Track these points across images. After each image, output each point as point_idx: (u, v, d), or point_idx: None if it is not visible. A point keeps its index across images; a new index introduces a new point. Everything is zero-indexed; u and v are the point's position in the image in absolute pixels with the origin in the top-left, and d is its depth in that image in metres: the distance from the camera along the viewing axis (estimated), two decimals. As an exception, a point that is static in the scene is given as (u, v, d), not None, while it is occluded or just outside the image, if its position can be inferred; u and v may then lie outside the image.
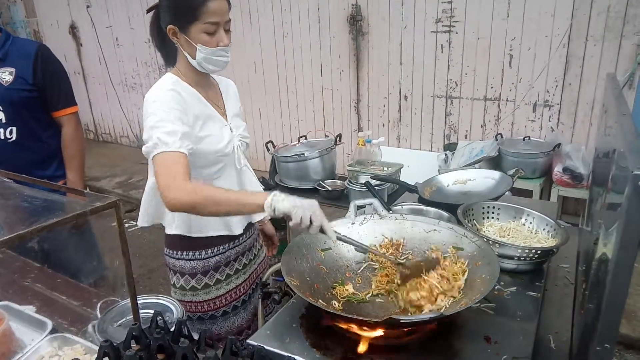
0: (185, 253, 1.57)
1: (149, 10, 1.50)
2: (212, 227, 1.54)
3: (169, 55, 1.51)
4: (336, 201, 2.65)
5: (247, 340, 1.09)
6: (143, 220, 1.57)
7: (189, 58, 1.43)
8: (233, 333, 1.69)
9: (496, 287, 1.29)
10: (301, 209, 1.20)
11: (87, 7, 6.07)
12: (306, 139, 2.96)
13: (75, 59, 6.63)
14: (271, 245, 1.94)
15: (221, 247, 1.59)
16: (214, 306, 1.62)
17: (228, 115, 1.58)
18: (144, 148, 1.35)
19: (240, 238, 1.64)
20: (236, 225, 1.59)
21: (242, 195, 1.38)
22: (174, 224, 1.53)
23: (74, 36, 6.50)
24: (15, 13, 7.09)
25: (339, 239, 1.25)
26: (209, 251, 1.57)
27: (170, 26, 1.40)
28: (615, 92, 1.29)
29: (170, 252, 1.60)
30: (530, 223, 1.52)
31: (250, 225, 1.68)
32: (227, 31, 1.43)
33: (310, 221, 1.19)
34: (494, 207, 1.59)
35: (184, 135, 1.34)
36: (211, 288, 1.60)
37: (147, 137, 1.34)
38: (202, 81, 1.53)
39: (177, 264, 1.59)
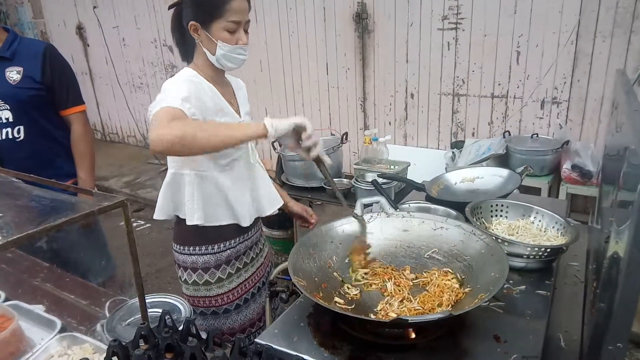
0: (197, 248, 1.60)
1: (171, 7, 1.53)
2: (222, 215, 1.56)
3: (187, 52, 1.55)
4: (343, 200, 2.64)
5: (256, 339, 1.09)
6: (160, 213, 1.58)
7: (208, 54, 1.47)
8: (245, 326, 1.73)
9: (505, 286, 1.28)
10: (304, 121, 1.29)
11: (94, 7, 6.10)
12: (312, 137, 2.95)
13: (82, 59, 6.67)
14: (307, 222, 1.94)
15: (232, 241, 1.62)
16: (227, 300, 1.65)
17: (241, 113, 1.62)
18: (149, 108, 1.36)
19: (249, 232, 1.67)
20: (244, 216, 1.59)
21: (233, 125, 1.41)
22: (196, 215, 1.52)
23: (80, 37, 6.53)
24: (23, 14, 7.14)
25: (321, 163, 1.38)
26: (221, 245, 1.61)
27: (192, 22, 1.43)
28: (625, 88, 1.27)
29: (181, 248, 1.62)
30: (540, 221, 1.51)
31: (256, 220, 1.70)
32: (246, 32, 1.48)
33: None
34: (502, 205, 1.58)
35: (187, 99, 1.34)
36: (224, 281, 1.64)
37: (153, 105, 1.35)
38: (218, 79, 1.57)
39: (188, 259, 1.61)
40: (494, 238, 1.29)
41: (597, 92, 3.42)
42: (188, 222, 1.55)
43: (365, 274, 1.30)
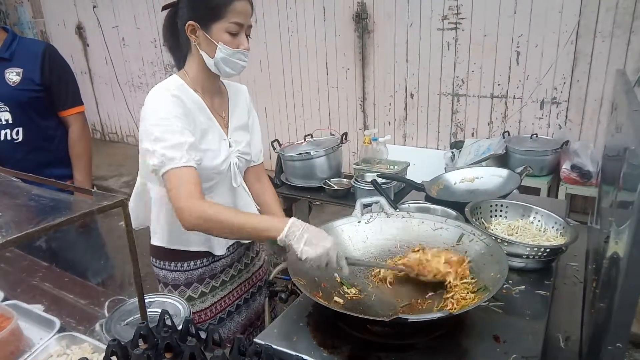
0: (167, 263, 1.53)
1: (165, 7, 1.42)
2: (194, 242, 1.49)
3: (180, 57, 1.45)
4: (342, 200, 2.64)
5: (255, 339, 1.09)
6: (133, 222, 1.53)
7: (206, 57, 1.36)
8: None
9: (505, 286, 1.28)
10: (317, 260, 1.15)
11: (94, 7, 6.10)
12: (312, 137, 2.95)
13: (81, 59, 6.67)
14: None
15: (205, 260, 1.53)
16: (199, 319, 1.56)
17: (230, 128, 1.50)
18: (150, 164, 1.31)
19: (226, 250, 1.58)
20: (218, 246, 1.52)
21: (258, 222, 1.28)
22: (157, 235, 1.50)
23: (80, 36, 6.53)
24: (23, 14, 7.14)
25: (351, 264, 1.23)
26: (192, 263, 1.52)
27: (190, 22, 1.33)
28: (625, 88, 1.27)
29: (155, 261, 1.56)
30: (539, 221, 1.51)
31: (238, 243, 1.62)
32: (248, 37, 1.39)
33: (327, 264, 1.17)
34: (501, 205, 1.57)
35: (191, 147, 1.30)
36: (195, 301, 1.54)
37: (152, 151, 1.29)
38: (210, 88, 1.46)
39: (160, 273, 1.56)
40: (493, 238, 1.29)
41: (597, 92, 3.43)
42: (151, 242, 1.52)
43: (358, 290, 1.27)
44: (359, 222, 1.41)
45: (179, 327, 1.07)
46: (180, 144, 1.28)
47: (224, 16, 1.31)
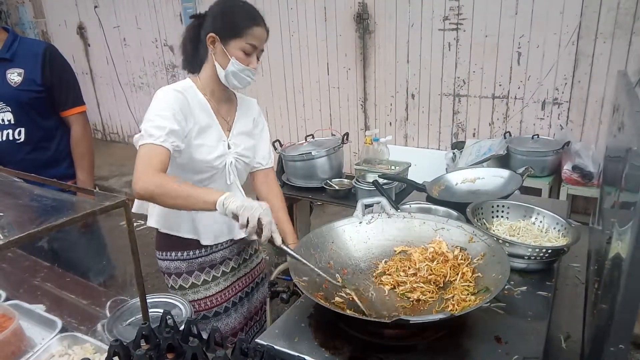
0: (169, 253, 1.63)
1: (193, 17, 1.57)
2: (182, 228, 1.58)
3: (196, 63, 1.57)
4: (344, 200, 2.64)
5: (257, 340, 1.09)
6: (136, 207, 1.63)
7: (219, 68, 1.50)
8: (236, 330, 1.73)
9: (506, 287, 1.28)
10: (249, 210, 1.20)
11: (95, 7, 6.11)
12: (313, 137, 2.96)
13: (83, 59, 6.67)
14: None
15: (203, 250, 1.63)
16: (205, 306, 1.65)
17: (233, 132, 1.62)
18: (134, 137, 1.41)
19: (220, 244, 1.66)
20: (205, 234, 1.59)
21: (199, 192, 1.34)
22: (153, 217, 1.60)
23: (81, 36, 6.54)
24: (24, 14, 7.15)
25: (285, 251, 1.22)
26: (191, 252, 1.62)
27: (211, 34, 1.47)
28: (627, 89, 1.27)
29: (159, 253, 1.65)
30: (541, 222, 1.51)
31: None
32: (258, 59, 1.53)
33: (260, 228, 1.20)
34: (503, 206, 1.57)
35: (172, 132, 1.38)
36: (199, 288, 1.64)
37: (140, 129, 1.41)
38: (219, 94, 1.58)
39: (163, 264, 1.65)
40: (495, 239, 1.29)
41: (598, 93, 3.43)
42: (147, 223, 1.61)
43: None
44: (360, 222, 1.41)
45: (181, 328, 1.07)
46: (163, 126, 1.37)
47: (242, 36, 1.46)
